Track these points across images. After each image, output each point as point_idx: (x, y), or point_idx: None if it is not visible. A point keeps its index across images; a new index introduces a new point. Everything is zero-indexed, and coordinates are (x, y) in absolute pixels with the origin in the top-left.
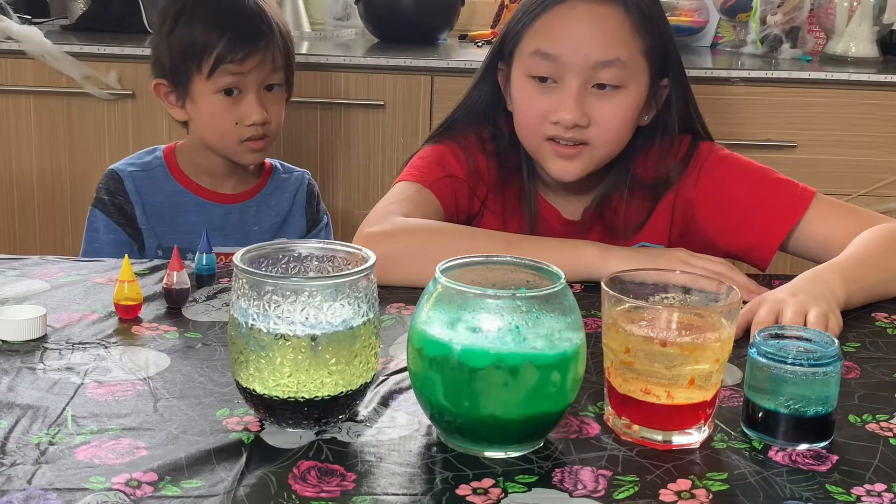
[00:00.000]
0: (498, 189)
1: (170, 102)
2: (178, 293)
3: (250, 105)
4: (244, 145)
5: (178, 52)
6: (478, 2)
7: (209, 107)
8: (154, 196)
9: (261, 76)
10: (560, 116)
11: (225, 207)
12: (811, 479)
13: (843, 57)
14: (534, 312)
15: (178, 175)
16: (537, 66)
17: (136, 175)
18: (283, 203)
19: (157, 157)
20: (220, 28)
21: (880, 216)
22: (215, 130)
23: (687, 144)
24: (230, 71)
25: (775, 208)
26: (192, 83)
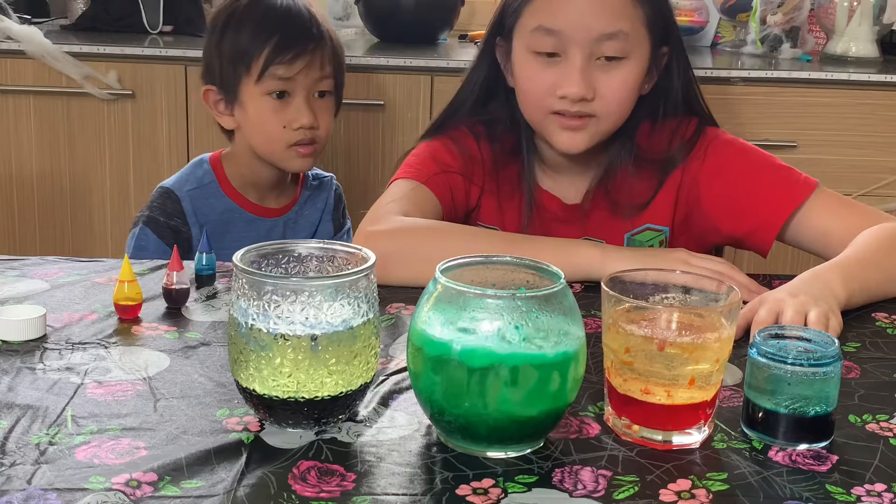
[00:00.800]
0: (494, 173)
1: (218, 111)
2: (178, 293)
3: (299, 108)
4: (292, 150)
5: (228, 57)
6: (478, 2)
7: (258, 110)
8: (209, 215)
9: (309, 80)
10: (566, 91)
11: (271, 222)
12: (811, 480)
13: (843, 57)
14: (534, 312)
15: (229, 190)
16: (540, 42)
17: (193, 195)
18: (316, 211)
19: (206, 170)
20: (269, 30)
21: (883, 214)
22: (263, 134)
23: (694, 126)
24: (279, 73)
25: (778, 191)
26: (241, 87)
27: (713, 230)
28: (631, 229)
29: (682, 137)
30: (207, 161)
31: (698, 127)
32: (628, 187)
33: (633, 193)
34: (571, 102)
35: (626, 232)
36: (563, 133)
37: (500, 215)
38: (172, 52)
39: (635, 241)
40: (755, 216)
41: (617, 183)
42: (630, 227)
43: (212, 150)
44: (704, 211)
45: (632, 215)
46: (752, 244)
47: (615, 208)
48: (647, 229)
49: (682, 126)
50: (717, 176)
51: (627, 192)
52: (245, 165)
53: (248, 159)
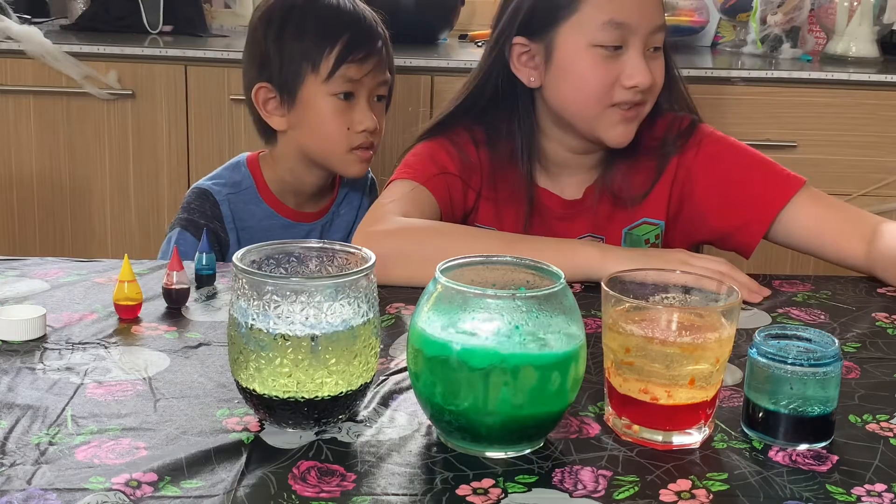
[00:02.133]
0: (491, 178)
1: (267, 110)
2: (178, 293)
3: (363, 111)
4: (352, 154)
5: (291, 53)
6: (478, 2)
7: (321, 110)
8: (247, 221)
9: (374, 82)
10: (637, 80)
11: (308, 226)
12: (811, 480)
13: (843, 57)
14: (534, 312)
15: (267, 195)
16: (609, 36)
17: (231, 199)
18: (352, 210)
19: (244, 174)
20: (338, 29)
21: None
22: (325, 136)
23: (688, 122)
24: (350, 73)
25: (769, 187)
26: (304, 86)
27: (703, 224)
28: (628, 223)
29: (677, 129)
30: (245, 164)
31: (692, 122)
32: (628, 179)
33: (632, 184)
34: (635, 92)
35: (624, 226)
36: (619, 126)
37: (499, 220)
38: (172, 52)
39: (632, 235)
40: (746, 211)
41: (617, 175)
42: (628, 222)
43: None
44: (696, 204)
45: (632, 205)
46: (741, 239)
47: (616, 201)
48: (644, 223)
49: (678, 119)
50: (710, 169)
51: (627, 184)
52: (289, 170)
53: (293, 163)
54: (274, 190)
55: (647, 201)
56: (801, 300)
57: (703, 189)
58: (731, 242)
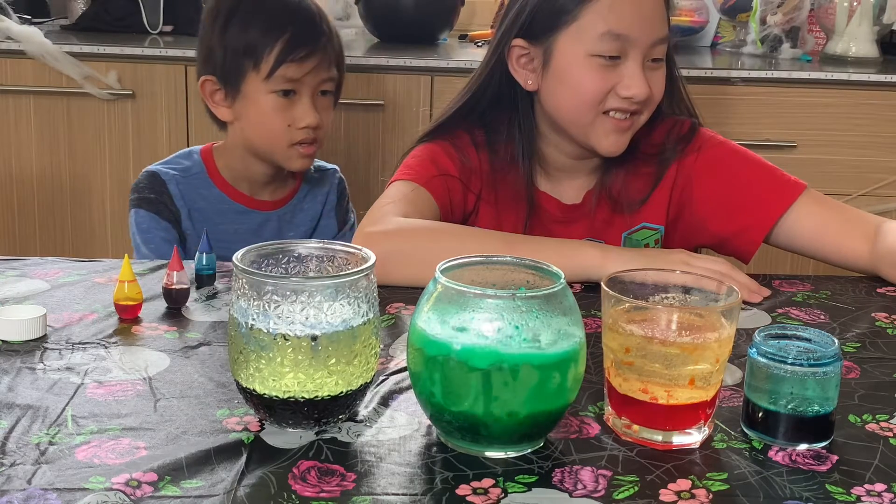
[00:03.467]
0: (491, 182)
1: (215, 101)
2: (178, 293)
3: (305, 108)
4: (294, 149)
5: (234, 49)
6: (478, 2)
7: (263, 107)
8: (197, 202)
9: (317, 79)
10: (633, 92)
11: (264, 215)
12: (811, 479)
13: (843, 57)
14: (534, 312)
15: (219, 181)
16: (607, 46)
17: (178, 179)
18: (316, 206)
19: (195, 161)
20: (280, 27)
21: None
22: (266, 132)
23: (689, 126)
24: (289, 73)
25: (769, 192)
26: (246, 82)
27: (702, 229)
28: (628, 228)
29: (677, 134)
30: (198, 152)
31: (692, 126)
32: (627, 185)
33: (631, 190)
34: (630, 102)
35: (624, 231)
36: (612, 135)
37: (498, 223)
38: (172, 52)
39: (632, 240)
40: (746, 216)
41: (616, 180)
42: (627, 226)
43: None
44: (696, 209)
45: (631, 211)
46: (740, 245)
47: (615, 206)
48: (643, 228)
49: (678, 124)
50: (710, 174)
51: (626, 189)
52: (238, 159)
53: (241, 153)
54: (226, 177)
55: (647, 206)
56: (800, 300)
57: (702, 194)
58: (730, 247)
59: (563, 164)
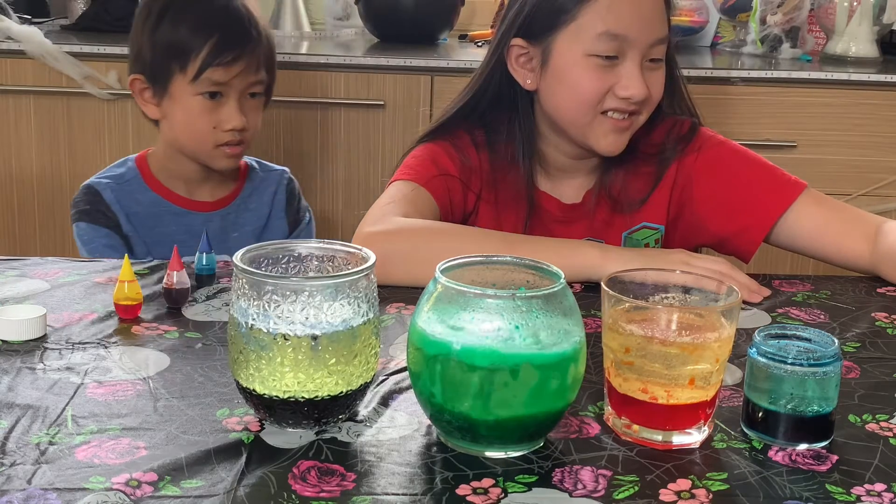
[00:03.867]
0: (492, 182)
1: (144, 99)
2: (178, 293)
3: (231, 110)
4: (219, 150)
5: (162, 49)
6: (478, 2)
7: (188, 108)
8: (133, 207)
9: (244, 82)
10: (631, 93)
11: (204, 215)
12: (811, 479)
13: (843, 57)
14: (534, 312)
15: (154, 184)
16: (605, 46)
17: (112, 187)
18: (262, 206)
19: (129, 167)
20: (208, 30)
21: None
22: (192, 132)
23: (689, 125)
24: (215, 77)
25: (768, 191)
26: (173, 82)
27: (702, 229)
28: (628, 228)
29: (677, 134)
30: (132, 160)
31: (692, 125)
32: (627, 184)
33: (631, 190)
34: (628, 103)
35: (624, 230)
36: (610, 135)
37: (498, 222)
38: None
39: (632, 240)
40: (746, 216)
41: (616, 180)
42: (627, 226)
43: None
44: (696, 209)
45: (630, 211)
46: (740, 244)
47: (615, 206)
48: (643, 227)
49: (677, 124)
50: (710, 173)
51: (626, 189)
52: (169, 158)
53: (171, 152)
54: (161, 179)
55: (647, 206)
56: (800, 300)
57: (702, 194)
58: (731, 247)
59: (562, 163)
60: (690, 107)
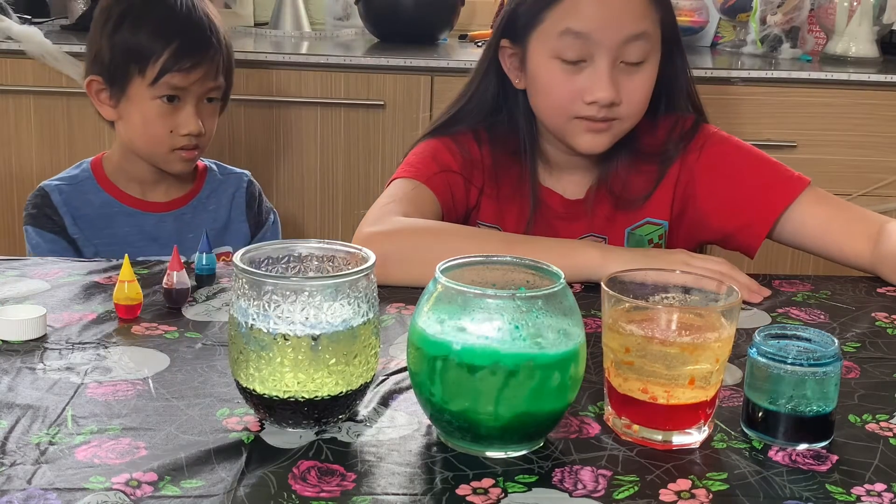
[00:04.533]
0: (494, 176)
1: (100, 100)
2: (178, 293)
3: (188, 116)
4: (175, 154)
5: (121, 52)
6: (478, 2)
7: (146, 111)
8: (82, 208)
9: (202, 88)
10: (596, 96)
11: (157, 216)
12: (811, 479)
13: (843, 57)
14: (534, 312)
15: (107, 185)
16: (567, 47)
17: (62, 188)
18: (220, 208)
19: (83, 169)
20: (168, 36)
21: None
22: (148, 136)
23: (692, 121)
24: (174, 81)
25: (772, 188)
26: (130, 85)
27: (706, 225)
28: (631, 223)
29: (680, 131)
30: (88, 162)
31: (696, 122)
32: (629, 182)
33: (633, 187)
34: (599, 108)
35: (627, 226)
36: (586, 135)
37: (500, 217)
38: None
39: (635, 235)
40: (749, 212)
41: (618, 178)
42: (631, 222)
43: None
44: (699, 205)
45: (633, 208)
46: (743, 240)
47: (617, 203)
48: (647, 223)
49: (680, 121)
50: (712, 170)
51: (628, 187)
52: (125, 158)
53: (126, 153)
54: (115, 180)
55: (651, 202)
56: (800, 300)
57: (706, 190)
58: (734, 243)
59: (561, 159)
60: (697, 103)
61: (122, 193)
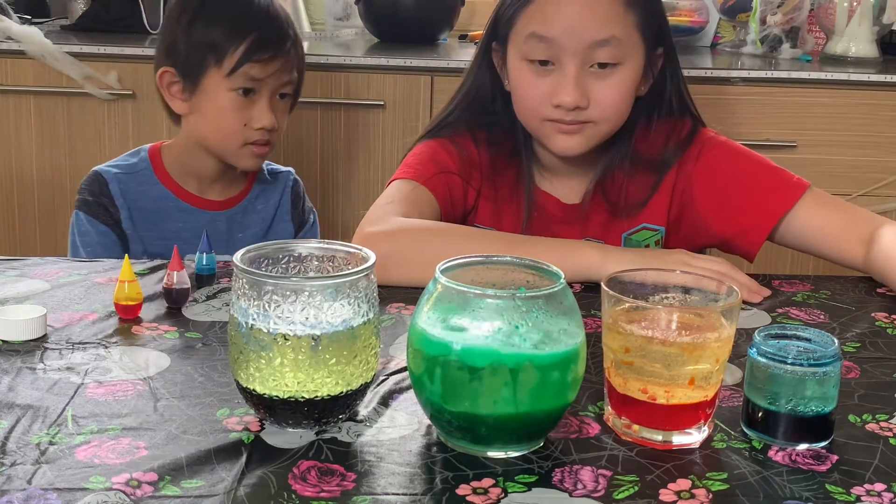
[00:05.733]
0: (491, 177)
1: (171, 93)
2: (178, 293)
3: (262, 109)
4: (247, 149)
5: (198, 43)
6: (478, 2)
7: (220, 103)
8: (139, 200)
9: (277, 82)
10: (560, 99)
11: (211, 214)
12: (811, 479)
13: (843, 57)
14: (534, 312)
15: (165, 178)
16: (534, 50)
17: (120, 178)
18: (268, 208)
19: (142, 158)
20: (247, 27)
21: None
22: (221, 129)
23: (689, 127)
24: (252, 72)
25: (770, 193)
26: (206, 77)
27: (704, 230)
28: (628, 229)
29: (677, 138)
30: (146, 150)
31: (693, 127)
32: (625, 188)
33: (630, 194)
34: (566, 111)
35: (623, 232)
36: (558, 137)
37: (498, 219)
38: None
39: (632, 241)
40: (747, 217)
41: (614, 184)
42: (627, 227)
43: None
44: (697, 211)
45: (629, 215)
46: (741, 245)
47: (613, 209)
48: (643, 229)
49: (677, 127)
50: (710, 176)
51: (625, 193)
52: (188, 154)
53: (192, 147)
54: (174, 173)
55: (647, 208)
56: (800, 300)
57: (703, 196)
58: (734, 247)
59: (554, 163)
60: (691, 108)
61: (179, 188)
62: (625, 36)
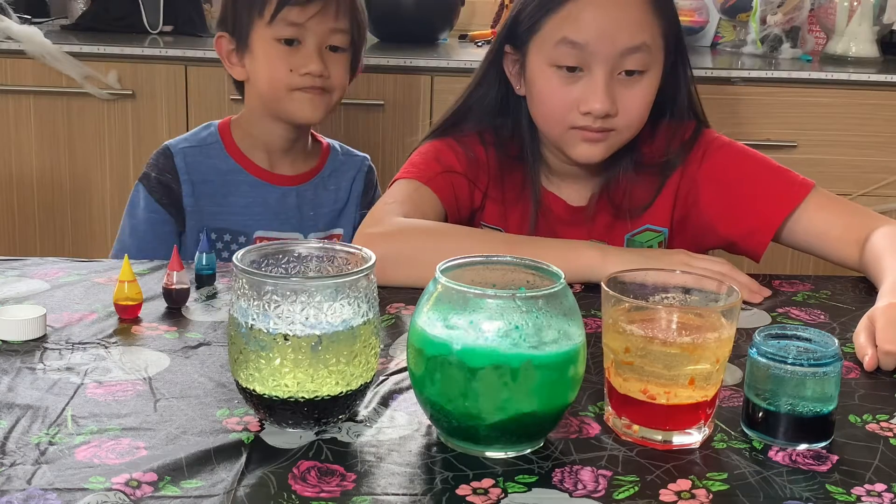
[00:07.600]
0: (498, 178)
1: (231, 62)
2: (178, 293)
3: (308, 54)
4: (296, 94)
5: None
6: (478, 2)
7: (266, 55)
8: (207, 174)
9: (322, 30)
10: (591, 107)
11: (282, 189)
12: (811, 479)
13: (843, 57)
14: (534, 312)
15: (234, 151)
16: (564, 56)
17: (188, 151)
18: (341, 190)
19: (212, 132)
20: None
21: (876, 213)
22: (268, 78)
23: (692, 129)
24: (291, 17)
25: (774, 194)
26: (252, 32)
27: (710, 232)
28: (631, 230)
29: (680, 140)
30: (216, 125)
31: (696, 129)
32: (630, 191)
33: (634, 197)
34: (594, 119)
35: (627, 233)
36: (582, 145)
37: (504, 220)
38: (172, 52)
39: (635, 242)
40: (752, 218)
41: (619, 187)
42: (630, 229)
43: None
44: (702, 212)
45: (633, 217)
46: (748, 246)
47: (617, 211)
48: (646, 230)
49: (681, 128)
50: (714, 178)
51: (629, 196)
52: (254, 123)
53: (257, 116)
54: (243, 147)
55: (651, 209)
56: (800, 300)
57: (708, 198)
58: (739, 249)
59: (561, 167)
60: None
61: (249, 162)
62: (653, 43)
